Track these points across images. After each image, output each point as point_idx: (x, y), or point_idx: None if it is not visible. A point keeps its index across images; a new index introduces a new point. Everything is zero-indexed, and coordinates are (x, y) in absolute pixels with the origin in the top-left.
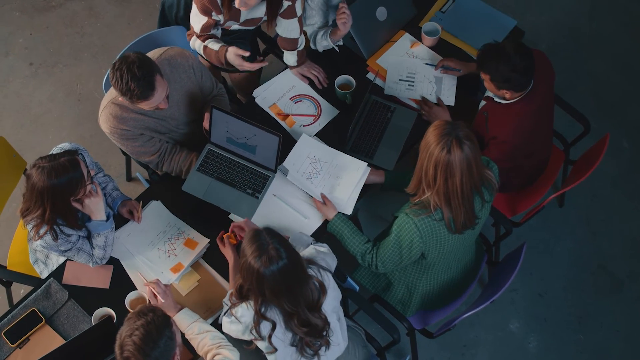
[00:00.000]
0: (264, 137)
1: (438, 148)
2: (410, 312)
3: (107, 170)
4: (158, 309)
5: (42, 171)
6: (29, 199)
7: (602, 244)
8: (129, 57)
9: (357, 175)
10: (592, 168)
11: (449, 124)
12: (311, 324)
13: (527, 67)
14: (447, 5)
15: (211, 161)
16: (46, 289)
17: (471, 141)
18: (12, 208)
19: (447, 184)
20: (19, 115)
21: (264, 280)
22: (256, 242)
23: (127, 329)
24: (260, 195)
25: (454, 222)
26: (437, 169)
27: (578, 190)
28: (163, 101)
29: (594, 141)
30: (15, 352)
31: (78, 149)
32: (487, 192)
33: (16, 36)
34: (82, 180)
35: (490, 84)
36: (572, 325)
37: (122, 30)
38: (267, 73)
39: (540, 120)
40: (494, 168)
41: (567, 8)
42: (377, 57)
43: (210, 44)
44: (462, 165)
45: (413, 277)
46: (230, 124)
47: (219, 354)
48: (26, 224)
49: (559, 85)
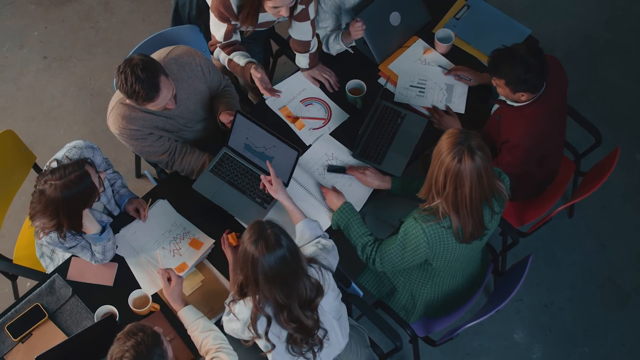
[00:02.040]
0: (283, 149)
1: (449, 157)
2: (413, 318)
3: (117, 166)
4: (148, 328)
5: (55, 188)
6: (42, 212)
7: (611, 256)
8: (132, 60)
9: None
10: (603, 180)
11: (463, 133)
12: (301, 321)
13: (541, 66)
14: (462, 12)
15: (225, 165)
16: (50, 285)
17: (483, 151)
18: (22, 201)
19: (456, 193)
20: (31, 109)
21: (258, 265)
22: (255, 228)
23: (118, 351)
24: (268, 206)
25: (462, 232)
26: (447, 177)
27: (588, 202)
28: (170, 101)
29: (605, 153)
30: (18, 346)
31: (91, 146)
32: (497, 204)
33: (31, 29)
34: (93, 192)
35: (506, 88)
36: (577, 337)
37: (137, 27)
38: (279, 75)
39: (552, 125)
40: (506, 180)
41: (583, 17)
42: (389, 62)
43: (235, 58)
44: (472, 175)
45: (417, 283)
46: (251, 131)
47: (217, 357)
48: (37, 233)
49: (572, 95)
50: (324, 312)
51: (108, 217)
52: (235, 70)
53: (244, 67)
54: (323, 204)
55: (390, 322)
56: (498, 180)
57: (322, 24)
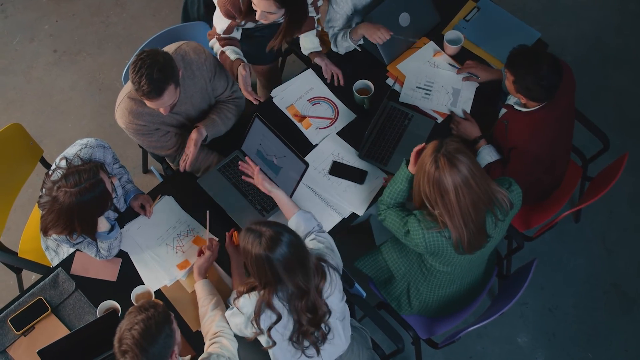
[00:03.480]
0: (292, 161)
1: (429, 166)
2: (405, 311)
3: (124, 161)
4: (160, 306)
5: (70, 196)
6: (55, 221)
7: (617, 262)
8: (157, 55)
9: (375, 183)
10: (610, 185)
11: (440, 141)
12: (316, 309)
13: (552, 85)
14: (472, 13)
15: (234, 167)
16: (54, 279)
17: (464, 154)
18: (28, 194)
19: (443, 201)
20: (40, 102)
21: (274, 261)
22: (251, 234)
23: (127, 323)
24: (267, 214)
25: (461, 243)
26: (432, 187)
27: (595, 207)
28: (164, 108)
29: (613, 158)
30: (20, 339)
31: (103, 145)
32: (500, 211)
33: (42, 22)
34: (108, 199)
35: (511, 84)
36: (581, 342)
37: (147, 22)
38: (287, 73)
39: (560, 131)
40: (517, 191)
41: (595, 21)
42: (397, 62)
43: (228, 52)
44: (455, 182)
45: (416, 278)
46: (265, 139)
47: (218, 342)
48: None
49: (581, 99)
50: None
51: (114, 213)
52: (225, 63)
53: (233, 62)
54: (329, 204)
55: (392, 324)
56: (497, 186)
57: (332, 23)
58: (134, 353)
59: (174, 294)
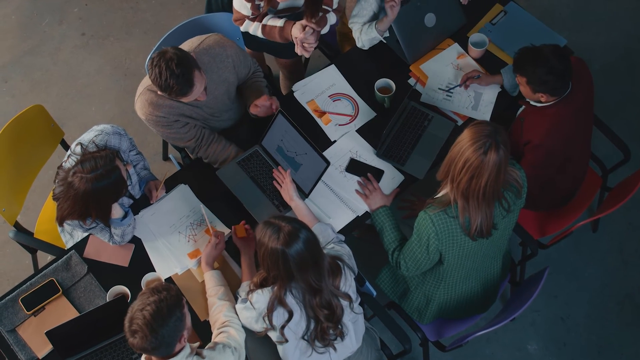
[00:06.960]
0: (313, 159)
1: (474, 146)
2: (426, 320)
3: (145, 147)
4: (173, 289)
5: (87, 182)
6: (71, 209)
7: (633, 274)
8: (167, 53)
9: (391, 183)
10: (629, 196)
11: (491, 125)
12: (332, 306)
13: (564, 70)
14: (498, 17)
15: (253, 161)
16: (67, 261)
17: (506, 147)
18: (48, 175)
19: (470, 182)
20: (65, 84)
21: (289, 256)
22: (269, 228)
23: (139, 303)
24: (284, 211)
25: (470, 224)
26: (466, 165)
27: (613, 218)
28: (201, 94)
29: (633, 169)
30: (30, 319)
31: (118, 132)
32: (511, 195)
33: (72, 5)
34: (123, 186)
35: (527, 87)
36: (591, 352)
37: (175, 10)
38: (311, 67)
39: (576, 127)
40: (521, 172)
41: (624, 29)
42: (420, 63)
43: (270, 21)
44: (492, 169)
45: (431, 285)
46: (287, 135)
47: (225, 331)
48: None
49: (606, 108)
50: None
51: (129, 200)
52: (272, 33)
53: (283, 27)
54: (344, 201)
55: (401, 324)
56: (511, 169)
57: (357, 19)
58: (144, 333)
59: (184, 282)
